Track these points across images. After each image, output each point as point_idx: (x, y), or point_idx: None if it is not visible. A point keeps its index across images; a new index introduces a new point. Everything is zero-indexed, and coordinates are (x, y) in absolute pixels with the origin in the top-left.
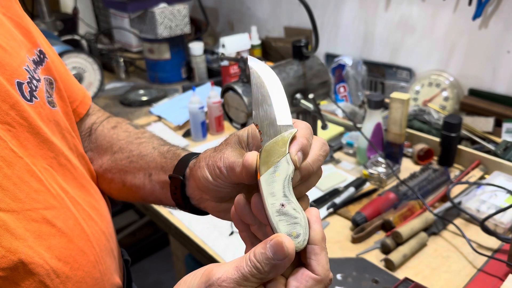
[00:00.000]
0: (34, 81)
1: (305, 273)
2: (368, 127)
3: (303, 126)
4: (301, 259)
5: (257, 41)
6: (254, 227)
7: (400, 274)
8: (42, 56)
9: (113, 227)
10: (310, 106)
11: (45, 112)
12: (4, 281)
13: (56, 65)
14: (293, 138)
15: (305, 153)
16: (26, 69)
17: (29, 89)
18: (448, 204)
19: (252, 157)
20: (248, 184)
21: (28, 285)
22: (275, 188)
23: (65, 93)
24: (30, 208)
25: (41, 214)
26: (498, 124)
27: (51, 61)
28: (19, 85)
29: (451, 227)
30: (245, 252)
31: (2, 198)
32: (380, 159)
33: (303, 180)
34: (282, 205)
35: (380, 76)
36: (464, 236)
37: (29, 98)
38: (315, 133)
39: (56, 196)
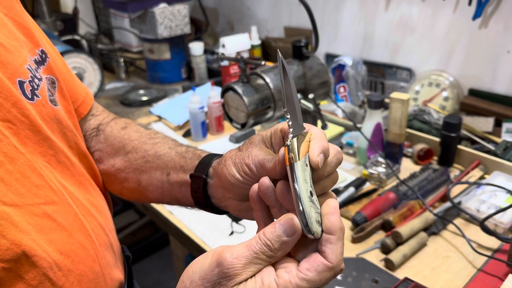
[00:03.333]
0: (36, 80)
1: (317, 258)
2: (368, 127)
3: (318, 132)
4: (317, 247)
5: (257, 41)
6: (275, 209)
7: (400, 274)
8: (44, 56)
9: (113, 223)
10: (310, 106)
11: (47, 111)
12: (8, 273)
13: (58, 65)
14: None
15: (326, 156)
16: (28, 68)
17: (31, 88)
18: (448, 204)
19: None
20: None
21: (32, 278)
22: (306, 176)
23: (67, 92)
24: (32, 203)
25: (42, 209)
26: (498, 124)
27: (53, 61)
28: (21, 83)
29: (451, 227)
30: (257, 233)
31: (6, 193)
32: (380, 159)
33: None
34: (311, 193)
35: (380, 76)
36: (464, 236)
37: (30, 97)
38: None
39: (57, 191)
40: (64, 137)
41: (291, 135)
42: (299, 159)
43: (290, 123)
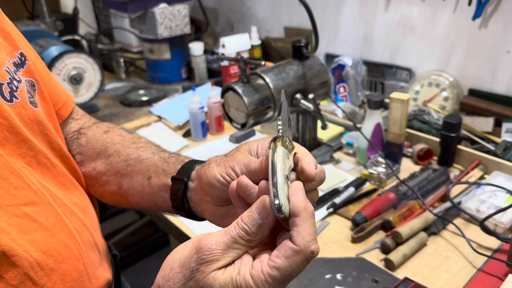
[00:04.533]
0: (15, 82)
1: (286, 243)
2: (368, 127)
3: (305, 149)
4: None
5: (257, 41)
6: None
7: (400, 274)
8: (23, 58)
9: (98, 222)
10: (310, 106)
11: (26, 112)
12: None
13: (38, 67)
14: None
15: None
16: (6, 70)
17: (9, 90)
18: (447, 204)
19: None
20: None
21: (12, 277)
22: (286, 162)
23: (48, 95)
24: (10, 204)
25: (21, 210)
26: (497, 124)
27: (33, 63)
28: None
29: (451, 227)
30: None
31: None
32: (380, 159)
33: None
34: (287, 177)
35: (380, 76)
36: (464, 236)
37: (9, 99)
38: (315, 133)
39: (37, 192)
40: (45, 139)
41: (280, 133)
42: (280, 146)
43: (280, 128)
